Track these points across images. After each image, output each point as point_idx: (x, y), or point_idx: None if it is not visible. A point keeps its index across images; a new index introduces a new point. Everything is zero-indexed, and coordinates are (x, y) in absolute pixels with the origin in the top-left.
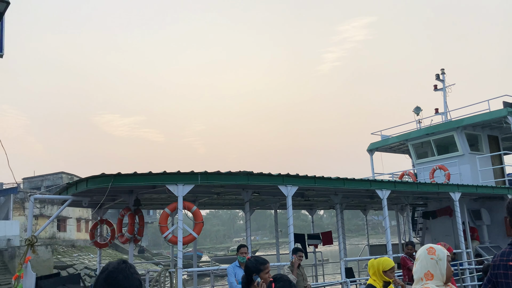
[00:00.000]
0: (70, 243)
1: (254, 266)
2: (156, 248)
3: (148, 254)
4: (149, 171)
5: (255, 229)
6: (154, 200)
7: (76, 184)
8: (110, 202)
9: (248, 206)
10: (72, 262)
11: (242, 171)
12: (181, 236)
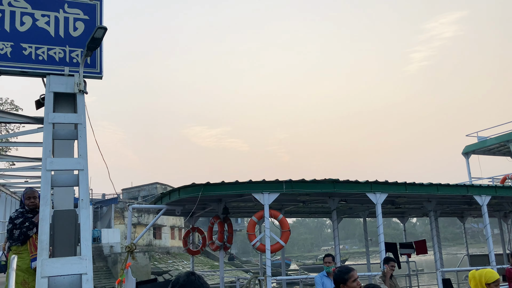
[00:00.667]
0: (165, 250)
1: (338, 276)
2: (245, 256)
3: (237, 261)
4: (236, 180)
5: (344, 238)
6: (242, 208)
7: (169, 194)
8: (200, 211)
9: (335, 214)
10: (168, 268)
11: (328, 178)
12: (269, 244)
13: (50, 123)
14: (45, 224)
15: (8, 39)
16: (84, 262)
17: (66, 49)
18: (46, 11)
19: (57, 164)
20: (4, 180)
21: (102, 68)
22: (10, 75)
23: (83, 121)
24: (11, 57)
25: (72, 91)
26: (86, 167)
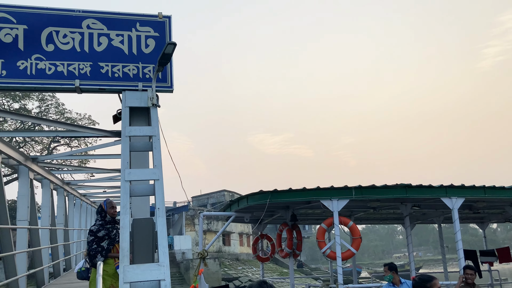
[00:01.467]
0: (235, 257)
1: (420, 285)
2: (314, 263)
3: (306, 268)
4: (303, 187)
5: (417, 245)
6: (310, 215)
7: (238, 201)
8: (269, 218)
9: (408, 220)
10: (237, 274)
11: (399, 184)
12: (339, 251)
13: (127, 136)
14: (126, 232)
15: (88, 59)
16: (162, 269)
17: (139, 66)
18: (120, 31)
19: (135, 175)
20: (85, 190)
21: (172, 82)
22: (90, 92)
23: (157, 133)
24: (90, 76)
25: (146, 105)
26: (161, 177)
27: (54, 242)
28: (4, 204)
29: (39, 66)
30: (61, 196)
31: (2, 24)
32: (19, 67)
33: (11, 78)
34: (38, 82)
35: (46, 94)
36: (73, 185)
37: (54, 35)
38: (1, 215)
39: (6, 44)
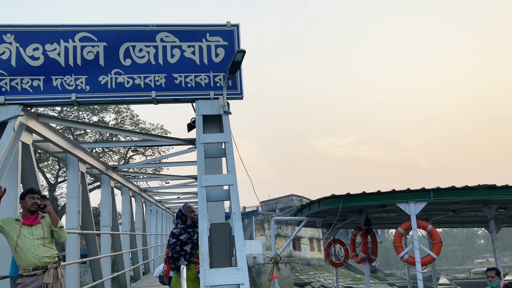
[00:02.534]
0: (305, 262)
1: None
2: (388, 268)
3: (380, 274)
4: (378, 190)
5: (501, 250)
6: (384, 219)
7: (309, 206)
8: (341, 222)
9: (493, 223)
10: (309, 279)
11: (482, 184)
12: (419, 256)
13: (202, 143)
14: (204, 237)
15: (162, 71)
16: (241, 273)
17: (210, 75)
18: (192, 42)
19: (210, 181)
20: (160, 197)
21: (242, 89)
22: (165, 103)
23: (230, 139)
24: (165, 87)
25: (218, 113)
26: (236, 182)
27: (133, 246)
28: (89, 212)
29: (118, 80)
30: (138, 202)
31: (85, 43)
32: (100, 82)
33: (94, 93)
34: (118, 95)
35: (121, 106)
36: (149, 192)
37: (131, 50)
38: (87, 222)
39: (89, 61)
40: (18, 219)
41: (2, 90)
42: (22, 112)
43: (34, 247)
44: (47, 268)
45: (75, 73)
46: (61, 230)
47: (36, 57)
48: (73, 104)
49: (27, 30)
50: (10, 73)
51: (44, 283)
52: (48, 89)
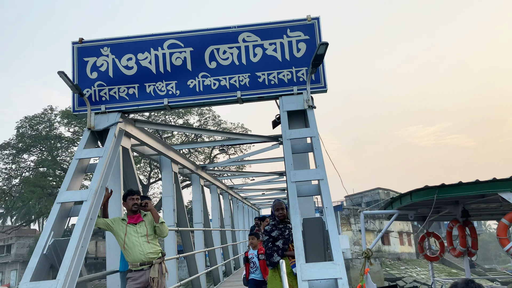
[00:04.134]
0: (395, 256)
1: None
2: (487, 263)
3: (479, 269)
4: (476, 179)
5: None
6: (482, 210)
7: (400, 199)
8: (435, 214)
9: None
10: (400, 274)
11: None
12: None
13: (288, 139)
14: (298, 231)
15: (246, 71)
16: (338, 267)
17: (293, 70)
18: (273, 39)
19: (300, 176)
20: (245, 193)
21: (326, 82)
22: (250, 102)
23: (316, 134)
24: (249, 86)
25: (302, 108)
26: (326, 176)
27: (224, 242)
28: (183, 209)
29: (205, 83)
30: (226, 199)
31: (173, 50)
32: (189, 86)
33: (184, 97)
34: (206, 97)
35: (204, 108)
36: (236, 189)
37: (215, 53)
38: (181, 219)
39: (177, 66)
40: (124, 219)
41: (103, 99)
42: (121, 119)
43: (139, 244)
44: (153, 263)
45: (166, 79)
46: (163, 225)
47: (130, 66)
48: (165, 108)
49: (120, 42)
50: (108, 83)
51: (151, 277)
52: (143, 95)
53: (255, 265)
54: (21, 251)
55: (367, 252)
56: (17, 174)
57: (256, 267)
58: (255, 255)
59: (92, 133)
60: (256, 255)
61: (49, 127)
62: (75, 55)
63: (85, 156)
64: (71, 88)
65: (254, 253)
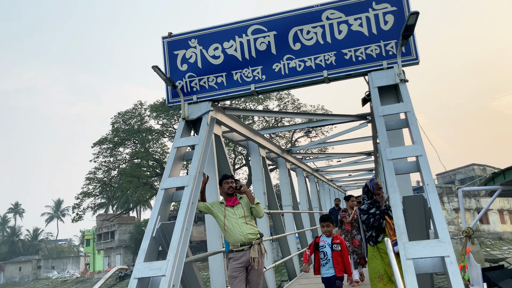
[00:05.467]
0: (496, 236)
1: None
2: None
3: None
4: None
5: None
6: None
7: (503, 173)
8: None
9: None
10: (503, 255)
11: None
12: None
13: (381, 116)
14: (399, 210)
15: (331, 49)
16: (444, 245)
17: (381, 44)
18: (357, 14)
19: (396, 153)
20: (330, 176)
21: (417, 53)
22: (337, 80)
23: (411, 108)
24: (336, 65)
25: (394, 82)
26: (424, 152)
27: (313, 224)
28: (273, 193)
29: (290, 65)
30: (312, 182)
31: (257, 35)
32: (274, 70)
33: (269, 81)
34: (291, 80)
35: (283, 92)
36: (321, 172)
37: (299, 34)
38: (271, 202)
39: (262, 51)
40: (222, 202)
41: (194, 90)
42: (212, 107)
43: (238, 225)
44: (252, 243)
45: (251, 65)
46: (258, 206)
47: (217, 56)
48: (252, 94)
49: (206, 33)
50: (198, 74)
51: (251, 257)
52: (230, 83)
53: (326, 257)
54: (123, 237)
55: (468, 231)
56: (115, 166)
57: (327, 259)
58: (328, 243)
59: (186, 123)
60: (329, 244)
61: (140, 121)
62: (166, 49)
63: (182, 144)
64: (164, 81)
65: (328, 242)
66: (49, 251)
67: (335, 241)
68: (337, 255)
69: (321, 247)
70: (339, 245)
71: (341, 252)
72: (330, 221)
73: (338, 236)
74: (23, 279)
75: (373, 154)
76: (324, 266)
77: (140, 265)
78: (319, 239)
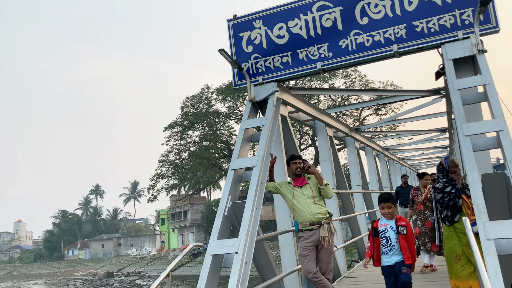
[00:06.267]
0: None
1: None
2: None
3: None
4: None
5: None
6: None
7: None
8: None
9: None
10: None
11: None
12: None
13: (457, 90)
14: (477, 188)
15: (401, 22)
16: None
17: (456, 13)
18: None
19: (474, 129)
20: (401, 154)
21: (498, 20)
22: (407, 54)
23: (491, 81)
24: (406, 38)
25: (470, 54)
26: (506, 127)
27: None
28: (341, 172)
29: (357, 41)
30: (382, 161)
31: (322, 12)
32: (341, 46)
33: (336, 58)
34: (359, 56)
35: (349, 70)
36: (392, 150)
37: (366, 8)
38: (340, 182)
39: (328, 28)
40: (290, 182)
41: (259, 71)
42: (277, 88)
43: (307, 205)
44: (321, 223)
45: (317, 42)
46: (327, 187)
47: (282, 35)
48: (319, 72)
49: (271, 13)
50: (263, 54)
51: (321, 236)
52: (296, 62)
53: (389, 243)
54: (195, 216)
55: None
56: (185, 148)
57: (391, 245)
58: (390, 227)
59: (253, 104)
60: (392, 228)
61: (208, 105)
62: (231, 32)
63: (249, 126)
64: (231, 64)
65: (390, 225)
66: (127, 229)
67: (400, 223)
68: (403, 240)
69: (382, 232)
70: (405, 227)
71: (407, 236)
72: (392, 202)
73: (402, 217)
74: (106, 255)
75: (447, 130)
76: (387, 254)
77: (214, 242)
78: (377, 224)
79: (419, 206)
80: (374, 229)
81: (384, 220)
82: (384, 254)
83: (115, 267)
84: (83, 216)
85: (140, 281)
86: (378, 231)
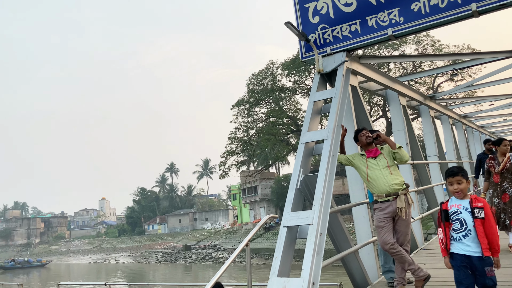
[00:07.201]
0: None
1: None
2: None
3: None
4: None
5: None
6: None
7: None
8: None
9: None
10: None
11: None
12: None
13: None
14: None
15: None
16: None
17: None
18: None
19: None
20: (481, 122)
21: None
22: (487, 13)
23: None
24: None
25: None
26: None
27: None
28: (416, 143)
29: (431, 2)
30: (460, 130)
31: None
32: (413, 10)
33: (408, 23)
34: (433, 19)
35: (420, 35)
36: (470, 118)
37: None
38: (415, 152)
39: None
40: (363, 154)
41: (327, 41)
42: (346, 58)
43: (383, 176)
44: (398, 194)
45: (387, 8)
46: (401, 150)
47: (349, 3)
48: (390, 39)
49: None
50: (330, 24)
51: (398, 207)
52: (365, 30)
53: (465, 226)
54: (265, 191)
55: None
56: (252, 125)
57: (467, 229)
58: (464, 207)
59: (321, 76)
60: (467, 209)
61: (273, 80)
62: (296, 3)
63: (318, 98)
64: (298, 36)
65: (463, 205)
66: (202, 205)
67: (476, 204)
68: (480, 225)
69: (454, 214)
70: (482, 209)
71: (485, 221)
72: (463, 175)
73: (478, 197)
74: (183, 230)
75: None
76: (461, 241)
77: (288, 214)
78: (447, 205)
79: (495, 178)
80: (444, 211)
81: (455, 200)
82: (457, 241)
83: (192, 240)
84: (160, 193)
85: (216, 254)
86: (448, 214)
